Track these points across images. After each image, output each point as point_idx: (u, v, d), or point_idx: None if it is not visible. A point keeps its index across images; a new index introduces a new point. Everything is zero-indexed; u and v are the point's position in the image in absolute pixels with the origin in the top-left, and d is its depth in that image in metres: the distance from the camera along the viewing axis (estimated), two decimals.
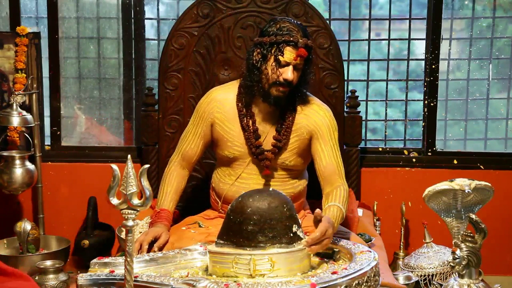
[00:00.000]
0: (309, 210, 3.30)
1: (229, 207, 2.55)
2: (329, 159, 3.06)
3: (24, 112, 3.76)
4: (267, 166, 3.07)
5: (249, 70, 3.05)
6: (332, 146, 3.08)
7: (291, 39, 2.94)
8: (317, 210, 2.64)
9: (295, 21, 3.06)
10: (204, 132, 3.16)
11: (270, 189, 2.62)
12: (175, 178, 3.20)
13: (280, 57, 2.95)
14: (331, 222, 2.66)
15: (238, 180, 3.13)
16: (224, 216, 2.61)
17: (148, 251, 2.87)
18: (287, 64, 2.96)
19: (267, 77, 2.99)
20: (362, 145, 3.99)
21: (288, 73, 2.95)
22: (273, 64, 2.97)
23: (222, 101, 3.13)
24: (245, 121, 3.08)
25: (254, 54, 3.03)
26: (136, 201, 2.10)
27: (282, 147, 3.08)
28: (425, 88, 4.08)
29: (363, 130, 4.04)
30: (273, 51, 2.97)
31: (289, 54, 2.95)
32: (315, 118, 3.09)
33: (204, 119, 3.15)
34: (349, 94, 3.86)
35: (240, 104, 3.10)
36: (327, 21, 3.89)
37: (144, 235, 2.94)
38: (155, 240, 2.94)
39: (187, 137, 3.20)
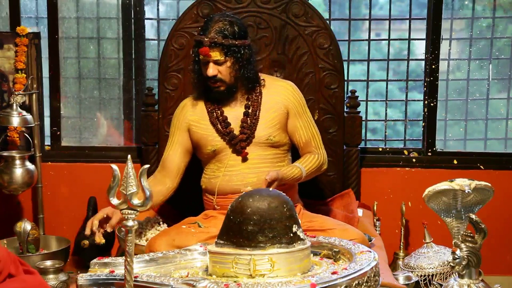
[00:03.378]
0: (303, 209, 3.32)
1: (229, 207, 2.55)
2: (306, 133, 3.32)
3: (24, 112, 3.76)
4: (242, 147, 3.22)
5: (193, 71, 3.28)
6: (306, 120, 3.34)
7: (199, 39, 3.17)
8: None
9: (219, 15, 3.23)
10: (182, 138, 3.32)
11: (270, 189, 2.62)
12: (151, 180, 3.27)
13: (199, 57, 3.19)
14: (279, 172, 3.08)
15: (227, 169, 3.23)
16: (222, 212, 2.64)
17: (100, 227, 3.10)
18: (207, 62, 3.17)
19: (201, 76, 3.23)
20: (362, 145, 3.99)
21: (208, 70, 3.17)
22: (199, 63, 3.21)
23: (192, 105, 3.34)
24: (214, 115, 3.26)
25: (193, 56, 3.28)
26: (136, 201, 2.10)
27: (252, 126, 3.23)
28: (425, 88, 4.08)
29: (363, 130, 4.04)
30: (193, 52, 3.23)
31: (201, 52, 3.16)
32: (285, 93, 3.31)
33: (179, 126, 3.33)
34: (349, 94, 3.86)
35: (209, 103, 3.29)
36: (327, 21, 3.89)
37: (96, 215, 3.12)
38: (108, 219, 3.11)
39: (166, 149, 3.37)
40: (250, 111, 3.25)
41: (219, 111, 3.26)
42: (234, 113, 3.26)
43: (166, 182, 3.30)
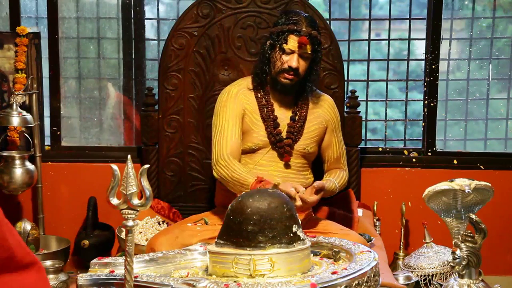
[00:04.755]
0: (313, 214, 3.33)
1: (229, 207, 2.55)
2: (338, 150, 3.38)
3: (24, 112, 3.75)
4: (287, 152, 3.21)
5: (260, 60, 3.23)
6: (340, 137, 3.41)
7: (295, 27, 3.11)
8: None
9: (304, 13, 3.22)
10: (240, 123, 3.20)
11: (270, 189, 2.61)
12: (235, 164, 3.11)
13: (284, 45, 3.13)
14: (325, 184, 3.09)
15: (256, 167, 3.22)
16: None
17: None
18: (292, 52, 3.13)
19: (274, 65, 3.16)
20: (362, 145, 3.99)
21: (293, 61, 3.12)
22: (278, 52, 3.15)
23: (245, 94, 3.26)
24: (265, 111, 3.22)
25: (266, 45, 3.21)
26: (136, 201, 2.10)
27: (297, 134, 3.22)
28: (425, 88, 4.08)
29: (363, 130, 4.04)
30: (279, 39, 3.14)
31: (292, 42, 3.13)
32: (327, 108, 3.33)
33: (239, 111, 3.21)
34: (349, 94, 3.86)
35: (259, 95, 3.24)
36: (327, 21, 3.89)
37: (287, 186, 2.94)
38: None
39: (226, 133, 3.16)
40: (297, 117, 3.24)
41: (269, 108, 3.22)
42: (282, 113, 3.25)
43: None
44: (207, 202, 3.70)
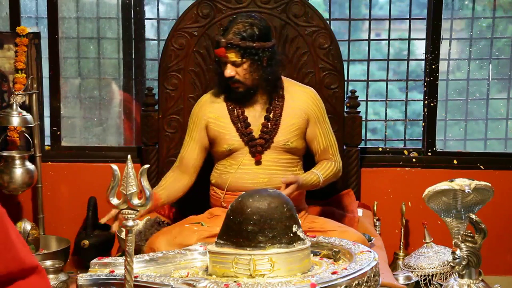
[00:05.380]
0: (308, 212, 3.33)
1: (229, 207, 2.55)
2: (324, 140, 3.33)
3: (24, 112, 3.75)
4: (258, 152, 3.22)
5: (215, 69, 3.31)
6: (325, 127, 3.35)
7: (216, 39, 3.19)
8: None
9: (243, 16, 3.23)
10: (200, 135, 3.31)
11: (270, 189, 2.62)
12: (171, 176, 3.34)
13: (217, 57, 3.20)
14: (299, 178, 3.09)
15: (241, 167, 3.24)
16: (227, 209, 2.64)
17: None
18: (225, 62, 3.17)
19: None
20: (362, 145, 3.99)
21: (226, 71, 3.17)
22: (218, 63, 3.22)
23: (212, 102, 3.33)
24: (235, 114, 3.25)
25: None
26: (136, 201, 2.10)
27: (272, 131, 3.23)
28: (425, 88, 4.08)
29: (363, 130, 4.04)
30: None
31: (218, 53, 3.17)
32: (307, 100, 3.31)
33: (198, 123, 3.32)
34: (349, 94, 3.86)
35: (230, 102, 3.28)
36: (327, 21, 3.89)
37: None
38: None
39: (184, 144, 3.37)
40: (271, 116, 3.25)
41: (240, 111, 3.26)
42: (254, 114, 3.27)
43: (184, 178, 3.32)
44: (207, 202, 3.69)
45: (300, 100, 3.29)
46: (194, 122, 3.34)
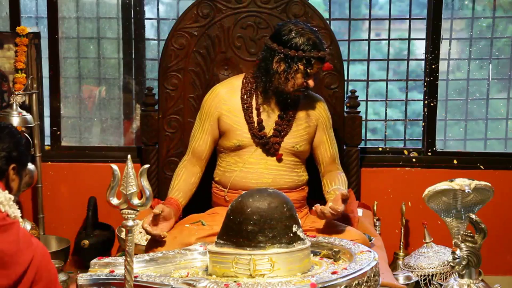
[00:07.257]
0: (309, 212, 3.33)
1: (229, 207, 2.55)
2: (331, 148, 3.37)
3: (24, 112, 3.75)
4: (276, 149, 3.24)
5: (265, 71, 3.20)
6: (332, 136, 3.39)
7: (319, 55, 3.14)
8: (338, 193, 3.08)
9: (310, 27, 3.22)
10: (212, 127, 3.29)
11: (270, 189, 2.62)
12: (183, 173, 3.30)
13: (309, 69, 3.14)
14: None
15: (245, 166, 3.24)
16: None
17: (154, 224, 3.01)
18: (311, 74, 3.17)
19: (288, 82, 3.15)
20: (362, 145, 3.99)
21: (309, 81, 3.16)
22: (301, 74, 3.14)
23: (227, 94, 3.29)
24: (250, 113, 3.24)
25: (275, 60, 3.17)
26: (136, 201, 2.10)
27: (284, 131, 3.24)
28: (425, 88, 4.08)
29: (363, 130, 4.04)
30: (301, 64, 3.13)
31: (316, 67, 3.16)
32: (318, 108, 3.35)
33: (211, 114, 3.28)
34: (349, 94, 3.86)
35: (245, 97, 3.26)
36: (327, 21, 3.89)
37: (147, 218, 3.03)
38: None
39: (195, 135, 3.33)
40: (285, 116, 3.26)
41: (252, 110, 3.24)
42: (271, 112, 3.26)
43: (197, 171, 3.32)
44: (207, 202, 3.69)
45: (312, 107, 3.33)
46: (207, 112, 3.30)
